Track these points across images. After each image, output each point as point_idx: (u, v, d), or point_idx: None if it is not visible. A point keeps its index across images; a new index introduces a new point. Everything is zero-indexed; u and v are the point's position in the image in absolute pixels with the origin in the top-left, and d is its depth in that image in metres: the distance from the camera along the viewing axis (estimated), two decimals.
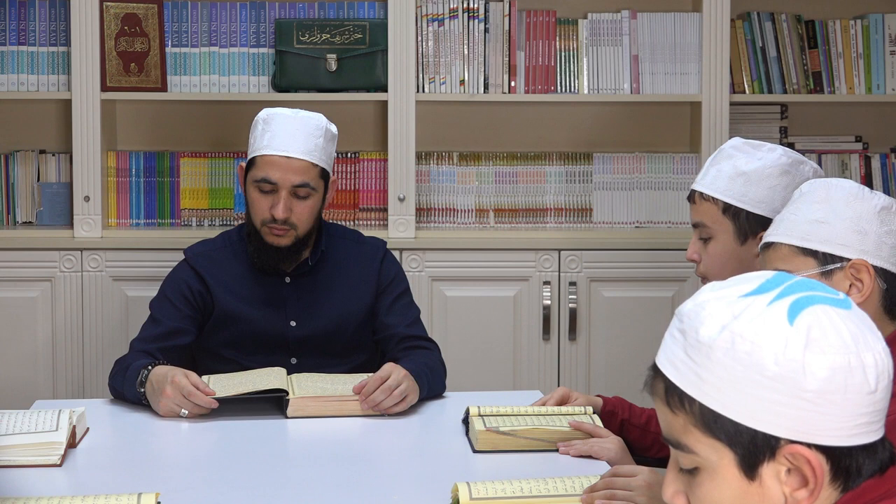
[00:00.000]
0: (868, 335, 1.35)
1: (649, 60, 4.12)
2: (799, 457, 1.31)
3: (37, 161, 4.15)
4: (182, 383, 2.75)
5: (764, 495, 1.33)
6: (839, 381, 1.31)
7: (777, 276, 1.39)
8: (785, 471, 1.32)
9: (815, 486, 1.31)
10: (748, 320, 1.33)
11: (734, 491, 1.34)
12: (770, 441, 1.31)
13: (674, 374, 1.37)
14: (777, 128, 4.19)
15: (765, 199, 2.52)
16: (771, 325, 1.32)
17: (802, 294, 1.36)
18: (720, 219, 2.55)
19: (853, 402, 1.32)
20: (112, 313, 3.94)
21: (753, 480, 1.33)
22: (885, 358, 1.35)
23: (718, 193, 2.55)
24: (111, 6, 4.02)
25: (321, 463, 2.50)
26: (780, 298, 1.35)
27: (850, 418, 1.32)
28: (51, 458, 2.42)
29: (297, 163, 3.06)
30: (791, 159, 2.56)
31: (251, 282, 3.15)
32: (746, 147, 2.58)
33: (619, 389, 3.60)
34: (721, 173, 2.56)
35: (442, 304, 3.98)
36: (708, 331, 1.34)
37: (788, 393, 1.30)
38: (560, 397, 2.76)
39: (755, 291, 1.37)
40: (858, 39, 4.16)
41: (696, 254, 2.61)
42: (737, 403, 1.32)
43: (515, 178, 4.15)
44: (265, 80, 4.09)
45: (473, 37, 4.09)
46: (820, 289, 1.38)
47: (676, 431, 1.37)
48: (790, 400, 1.30)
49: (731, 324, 1.34)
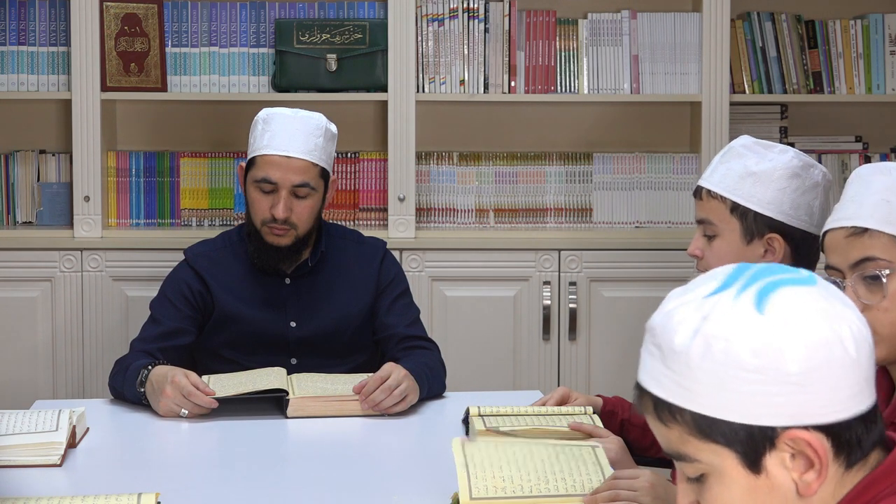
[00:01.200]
0: (839, 307, 1.35)
1: (649, 60, 4.12)
2: (798, 440, 1.31)
3: (37, 161, 4.15)
4: (182, 383, 2.75)
5: (773, 486, 1.33)
6: (820, 358, 1.31)
7: (738, 268, 1.39)
8: (789, 457, 1.32)
9: (820, 466, 1.31)
10: (718, 319, 1.33)
11: (743, 488, 1.33)
12: (767, 432, 1.31)
13: (658, 389, 1.37)
14: (777, 128, 4.19)
15: (773, 200, 2.51)
16: (741, 319, 1.32)
17: (767, 280, 1.35)
18: (727, 217, 2.54)
19: (838, 375, 1.31)
20: (112, 313, 3.94)
21: (760, 474, 1.33)
22: (860, 326, 1.35)
23: (727, 192, 2.53)
24: (111, 6, 4.02)
25: (321, 463, 2.50)
26: (745, 290, 1.34)
27: (838, 392, 1.31)
28: (51, 458, 2.42)
29: (297, 162, 3.06)
30: (802, 162, 2.55)
31: (251, 282, 3.15)
32: (757, 147, 2.56)
33: (619, 389, 3.60)
34: (730, 172, 2.54)
35: (442, 304, 3.98)
36: (681, 339, 1.34)
37: (773, 381, 1.30)
38: (560, 397, 2.76)
39: (719, 289, 1.36)
40: (858, 39, 4.16)
41: (698, 250, 2.60)
42: (726, 403, 1.31)
43: (515, 178, 4.15)
44: (265, 80, 4.09)
45: (473, 37, 4.09)
46: (783, 271, 1.37)
47: (674, 444, 1.37)
48: (776, 388, 1.30)
49: (702, 326, 1.33)
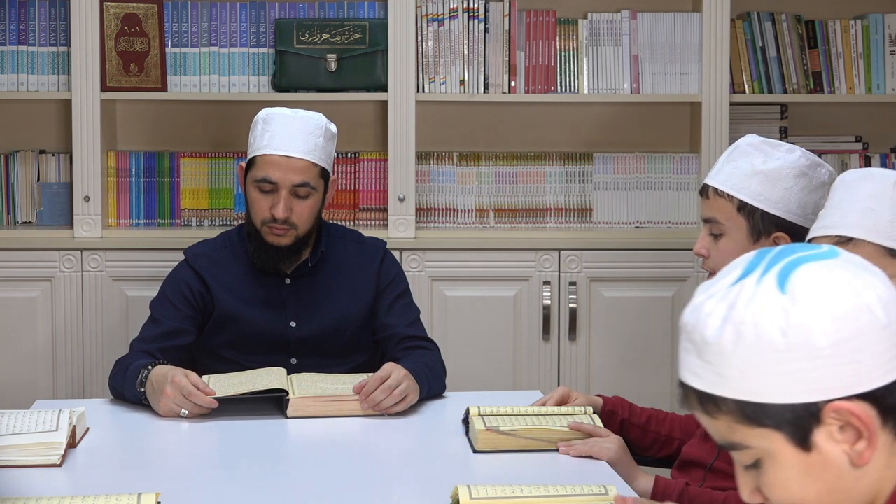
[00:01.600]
0: (864, 274, 1.37)
1: (649, 60, 4.12)
2: (842, 412, 1.32)
3: (37, 161, 4.15)
4: (182, 383, 2.75)
5: (826, 461, 1.34)
6: (849, 328, 1.32)
7: (758, 253, 1.41)
8: (837, 430, 1.34)
9: (869, 434, 1.33)
10: (744, 305, 1.35)
11: (798, 468, 1.35)
12: (810, 409, 1.33)
13: (699, 383, 1.38)
14: (777, 128, 4.18)
15: (781, 199, 2.51)
16: (766, 302, 1.34)
17: (787, 260, 1.37)
18: (734, 216, 2.53)
19: (871, 342, 1.33)
20: (112, 313, 3.94)
21: (811, 451, 1.34)
22: (887, 290, 1.37)
23: (734, 191, 2.53)
24: (111, 6, 4.02)
25: (321, 463, 2.50)
26: (766, 273, 1.37)
27: (875, 358, 1.33)
28: (51, 458, 2.42)
29: (297, 162, 3.06)
30: (809, 161, 2.55)
31: (251, 282, 3.15)
32: (764, 146, 2.55)
33: (619, 389, 3.60)
34: (737, 170, 2.54)
35: (442, 304, 3.98)
36: (712, 330, 1.36)
37: (805, 358, 1.32)
38: (560, 397, 2.76)
39: (742, 276, 1.38)
40: (858, 39, 4.16)
41: (704, 248, 2.59)
42: (764, 387, 1.33)
43: (515, 178, 4.15)
44: (265, 80, 4.09)
45: (473, 37, 4.09)
46: (803, 249, 1.40)
47: (724, 434, 1.39)
48: (810, 364, 1.32)
49: (730, 315, 1.35)
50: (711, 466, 2.47)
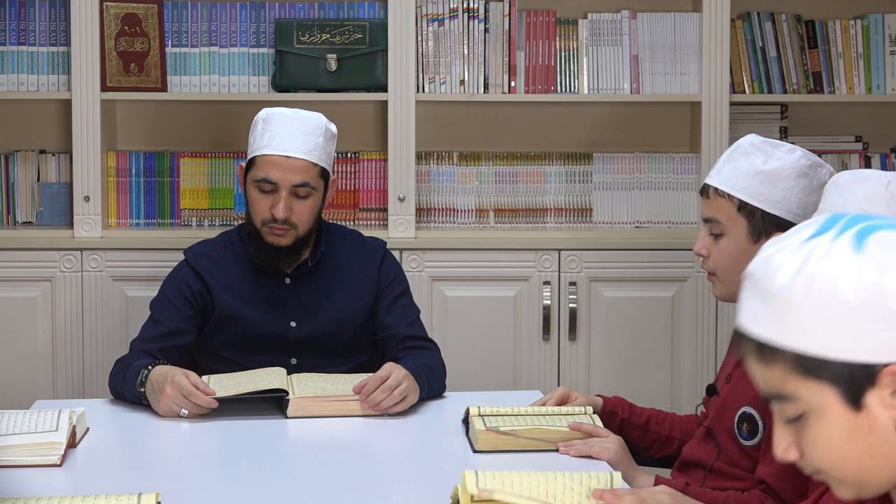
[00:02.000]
0: None
1: (649, 60, 4.12)
2: None
3: (37, 161, 4.15)
4: (182, 383, 2.75)
5: (873, 424, 1.35)
6: None
7: (832, 216, 1.41)
8: (889, 394, 1.34)
9: None
10: (818, 260, 1.35)
11: (844, 426, 1.35)
12: (868, 369, 1.33)
13: (760, 330, 1.38)
14: (777, 128, 4.19)
15: (781, 199, 2.51)
16: (842, 258, 1.35)
17: (863, 224, 1.38)
18: (735, 216, 2.53)
19: None
20: (112, 313, 3.94)
21: (861, 411, 1.34)
22: None
23: (734, 191, 2.53)
24: (111, 6, 4.02)
25: (321, 463, 2.50)
26: (843, 233, 1.37)
27: None
28: (51, 458, 2.42)
29: (297, 162, 3.06)
30: (810, 161, 2.55)
31: (251, 282, 3.15)
32: (765, 146, 2.55)
33: (619, 389, 3.61)
34: (738, 170, 2.53)
35: (442, 304, 3.98)
36: (782, 280, 1.36)
37: (875, 318, 1.32)
38: (560, 397, 2.76)
39: (817, 233, 1.39)
40: (858, 39, 4.16)
41: (704, 248, 2.59)
42: (828, 341, 1.33)
43: (515, 178, 4.15)
44: (265, 80, 4.09)
45: (473, 37, 4.09)
46: (878, 217, 1.40)
47: (775, 384, 1.38)
48: (878, 324, 1.32)
49: (802, 267, 1.36)
50: (711, 467, 2.47)
